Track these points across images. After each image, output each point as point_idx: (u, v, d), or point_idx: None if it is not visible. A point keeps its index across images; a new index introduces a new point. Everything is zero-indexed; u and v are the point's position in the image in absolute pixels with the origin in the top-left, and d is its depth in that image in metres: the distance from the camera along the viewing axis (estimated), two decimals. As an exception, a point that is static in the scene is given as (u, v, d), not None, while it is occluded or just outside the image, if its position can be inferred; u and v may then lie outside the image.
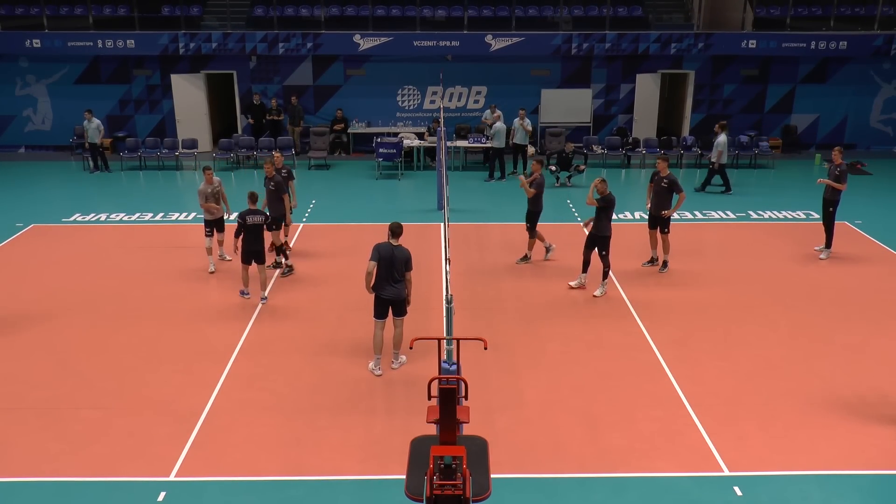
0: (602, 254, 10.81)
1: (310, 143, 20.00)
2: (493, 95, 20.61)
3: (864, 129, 21.49)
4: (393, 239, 8.42)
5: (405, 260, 8.40)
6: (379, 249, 8.40)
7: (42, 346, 9.30)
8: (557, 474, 6.80)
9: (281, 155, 12.46)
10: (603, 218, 10.68)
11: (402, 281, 8.48)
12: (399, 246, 8.40)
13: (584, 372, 8.65)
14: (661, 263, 11.93)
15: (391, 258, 8.36)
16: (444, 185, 9.44)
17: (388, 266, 8.40)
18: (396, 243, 8.40)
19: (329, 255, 12.43)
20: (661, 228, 11.81)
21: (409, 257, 8.43)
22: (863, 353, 9.07)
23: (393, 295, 8.51)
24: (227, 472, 6.83)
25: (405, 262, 8.41)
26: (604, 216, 10.68)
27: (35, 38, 19.61)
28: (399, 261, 8.37)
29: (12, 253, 12.73)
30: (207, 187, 11.57)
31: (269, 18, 20.46)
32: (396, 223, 8.53)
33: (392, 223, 8.52)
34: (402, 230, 8.50)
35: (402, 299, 8.59)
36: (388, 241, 8.42)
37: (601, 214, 10.68)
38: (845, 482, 6.68)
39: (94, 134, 18.44)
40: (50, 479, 6.72)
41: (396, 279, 8.44)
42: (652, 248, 12.13)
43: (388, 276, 8.44)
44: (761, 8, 21.10)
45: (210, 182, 11.56)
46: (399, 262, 8.37)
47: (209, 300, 10.69)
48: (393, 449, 7.05)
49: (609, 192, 10.72)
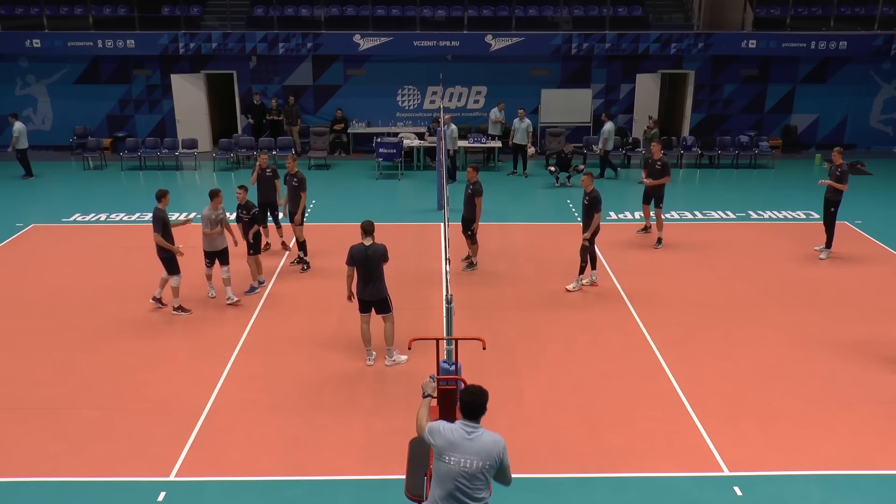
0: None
1: (310, 143, 20.00)
2: (493, 95, 20.60)
3: (864, 129, 21.50)
4: (365, 238, 8.41)
5: (379, 256, 8.37)
6: (352, 252, 8.39)
7: (42, 346, 9.30)
8: (557, 474, 6.80)
9: (267, 155, 12.70)
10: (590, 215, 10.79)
11: (381, 280, 8.43)
12: (372, 244, 8.39)
13: (584, 372, 8.65)
14: (655, 240, 13.04)
15: (364, 259, 8.36)
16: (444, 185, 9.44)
17: (363, 267, 8.40)
18: (369, 242, 8.39)
19: (329, 255, 12.42)
20: (656, 203, 13.01)
21: (383, 252, 8.39)
22: (863, 353, 9.07)
23: (371, 295, 8.52)
24: (227, 472, 6.83)
25: (380, 258, 8.38)
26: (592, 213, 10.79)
27: (35, 38, 19.61)
28: (373, 259, 8.36)
29: (12, 253, 12.73)
30: (212, 213, 10.20)
31: (269, 18, 20.46)
32: (368, 221, 8.52)
33: (364, 221, 8.51)
34: (374, 227, 8.51)
35: (382, 298, 8.56)
36: (361, 242, 8.40)
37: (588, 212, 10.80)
38: (845, 482, 6.68)
39: (23, 140, 17.66)
40: (50, 479, 6.72)
41: (374, 278, 8.43)
42: (645, 218, 13.62)
43: (365, 277, 8.44)
44: (761, 8, 21.10)
45: (216, 209, 10.21)
46: (373, 261, 8.36)
47: (209, 300, 10.69)
48: (393, 449, 7.04)
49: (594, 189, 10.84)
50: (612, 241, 13.20)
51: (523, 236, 13.50)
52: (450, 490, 4.69)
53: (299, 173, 11.68)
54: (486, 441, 4.71)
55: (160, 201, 9.94)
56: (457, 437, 4.71)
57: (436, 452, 4.77)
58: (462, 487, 4.67)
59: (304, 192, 11.71)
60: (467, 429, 4.73)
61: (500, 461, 4.72)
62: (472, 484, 4.68)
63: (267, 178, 12.47)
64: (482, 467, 4.67)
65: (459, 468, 4.67)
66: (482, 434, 4.73)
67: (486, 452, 4.68)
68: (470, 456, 4.67)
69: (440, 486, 4.73)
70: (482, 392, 4.80)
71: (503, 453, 4.73)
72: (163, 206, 9.93)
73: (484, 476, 4.70)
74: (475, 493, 4.70)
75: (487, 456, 4.68)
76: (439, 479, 4.74)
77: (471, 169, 11.57)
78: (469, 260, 11.99)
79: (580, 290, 11.04)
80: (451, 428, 4.77)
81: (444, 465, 4.70)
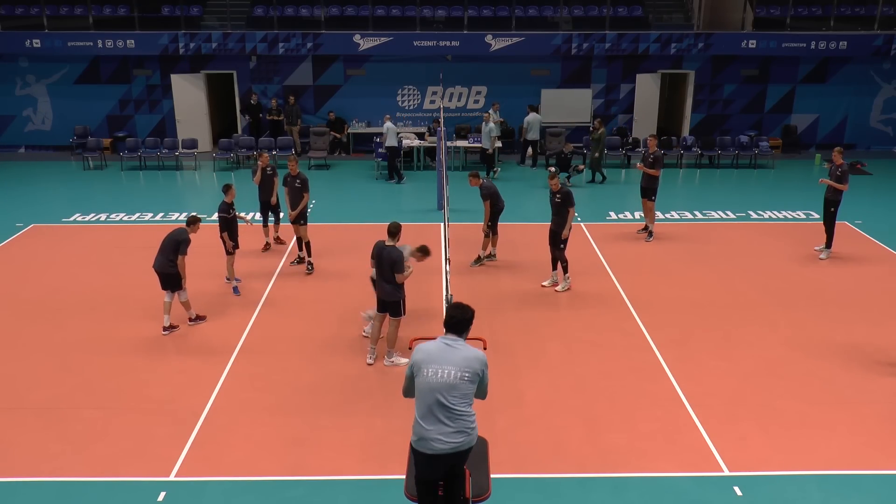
0: (559, 248, 10.92)
1: (309, 142, 20.00)
2: (493, 95, 20.62)
3: (864, 129, 21.51)
4: (389, 239, 8.43)
5: (391, 262, 8.30)
6: (374, 246, 8.50)
7: (42, 346, 9.30)
8: (557, 474, 6.80)
9: (267, 154, 12.79)
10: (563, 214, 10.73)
11: (392, 282, 8.41)
12: (392, 246, 8.37)
13: (584, 372, 8.65)
14: (647, 232, 13.35)
15: (379, 257, 8.39)
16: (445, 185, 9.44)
17: (378, 264, 8.44)
18: (390, 243, 8.40)
19: (329, 255, 12.42)
20: (649, 196, 13.25)
21: (395, 259, 8.28)
22: (863, 353, 9.07)
23: (382, 294, 8.53)
24: (227, 472, 6.83)
25: (391, 265, 8.30)
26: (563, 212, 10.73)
27: (35, 38, 19.61)
28: (385, 261, 8.34)
29: (12, 253, 12.73)
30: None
31: (269, 18, 20.47)
32: (394, 223, 8.52)
33: (390, 223, 8.53)
34: (399, 229, 8.49)
35: (394, 301, 8.51)
36: (385, 240, 8.46)
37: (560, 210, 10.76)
38: (845, 482, 6.68)
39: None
40: (50, 479, 6.72)
41: (386, 279, 8.43)
42: (645, 216, 13.64)
43: (379, 275, 8.49)
44: (761, 8, 21.11)
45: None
46: (385, 263, 8.34)
47: (209, 300, 10.69)
48: (393, 449, 7.04)
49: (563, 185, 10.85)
50: (613, 240, 13.20)
51: (523, 236, 13.50)
52: (429, 404, 4.75)
53: (301, 174, 11.67)
54: (466, 352, 4.82)
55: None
56: (437, 348, 4.82)
57: (416, 369, 4.83)
58: (441, 400, 4.72)
59: (307, 193, 11.71)
60: (448, 341, 4.84)
61: (479, 374, 4.78)
62: (450, 395, 4.72)
63: (268, 176, 12.53)
64: (460, 377, 4.73)
65: (437, 379, 4.74)
66: (463, 347, 4.83)
67: (464, 361, 4.78)
68: (448, 365, 4.76)
69: (421, 402, 4.81)
70: (468, 308, 4.90)
71: (484, 368, 4.81)
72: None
73: (463, 387, 4.73)
74: (455, 406, 4.73)
75: (466, 365, 4.77)
76: (420, 395, 4.80)
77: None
78: (487, 254, 12.15)
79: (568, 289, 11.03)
80: (432, 343, 4.87)
81: (424, 379, 4.78)
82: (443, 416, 4.74)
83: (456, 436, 4.79)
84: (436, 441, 4.79)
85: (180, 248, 9.30)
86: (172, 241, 9.32)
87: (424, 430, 4.82)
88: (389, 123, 17.51)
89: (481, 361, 4.82)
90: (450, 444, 4.79)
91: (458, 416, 4.76)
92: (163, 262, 9.36)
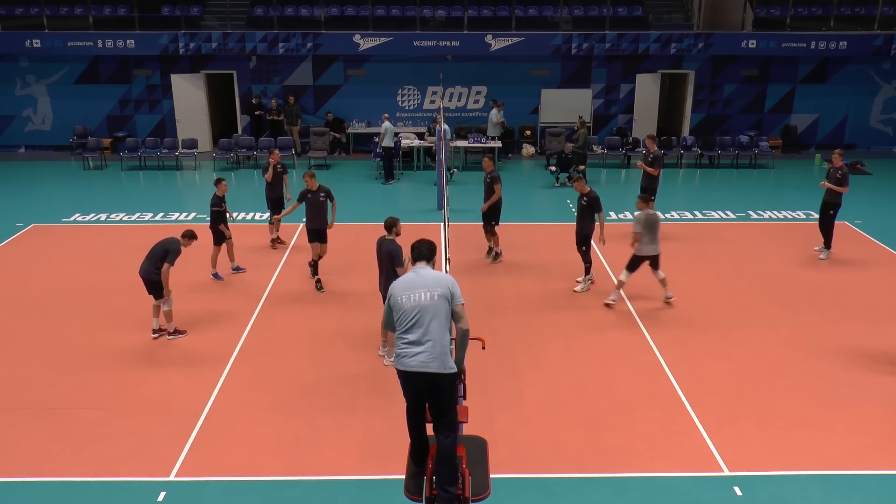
0: (583, 250, 10.99)
1: (309, 142, 20.00)
2: (493, 95, 20.59)
3: (864, 129, 21.50)
4: (387, 233, 8.53)
5: (389, 254, 8.37)
6: (376, 242, 8.62)
7: (42, 346, 9.29)
8: (557, 474, 6.80)
9: (278, 152, 12.93)
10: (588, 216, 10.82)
11: (393, 276, 8.32)
12: (391, 240, 8.44)
13: (584, 372, 8.65)
14: None
15: (378, 251, 8.47)
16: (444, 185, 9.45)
17: (378, 259, 8.52)
18: (389, 237, 8.46)
19: (328, 255, 12.40)
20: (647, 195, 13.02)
21: (392, 252, 8.35)
22: (863, 353, 9.07)
23: (384, 290, 8.55)
24: (227, 472, 6.83)
25: (390, 258, 8.37)
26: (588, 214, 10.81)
27: (35, 38, 19.61)
28: (384, 254, 8.41)
29: (12, 253, 12.73)
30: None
31: (269, 18, 20.46)
32: (390, 217, 8.64)
33: (387, 218, 8.65)
34: (394, 223, 8.57)
35: None
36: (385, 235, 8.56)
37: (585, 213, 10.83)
38: (845, 482, 6.68)
39: None
40: (50, 479, 6.72)
41: (385, 273, 8.46)
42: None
43: (380, 269, 8.56)
44: (761, 8, 21.11)
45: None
46: (384, 256, 8.41)
47: (209, 300, 10.69)
48: (393, 449, 7.04)
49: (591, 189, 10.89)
50: (612, 240, 13.18)
51: (523, 236, 13.50)
52: (408, 326, 5.21)
53: (323, 186, 11.07)
54: (435, 274, 5.41)
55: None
56: (408, 278, 5.39)
57: (394, 301, 5.31)
58: (419, 320, 5.19)
59: (335, 202, 11.26)
60: (417, 269, 5.46)
61: (451, 290, 5.29)
62: (426, 314, 5.19)
63: (278, 174, 12.66)
64: (432, 295, 5.23)
65: (412, 302, 5.23)
66: (431, 271, 5.45)
67: (435, 281, 5.31)
68: (421, 288, 5.26)
69: (399, 326, 5.27)
70: (428, 240, 5.63)
71: (454, 285, 5.35)
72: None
73: (438, 305, 5.21)
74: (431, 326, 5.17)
75: (438, 283, 5.29)
76: (399, 320, 5.27)
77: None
78: (493, 252, 12.22)
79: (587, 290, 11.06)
80: (404, 276, 5.50)
81: (400, 305, 5.26)
82: (420, 335, 5.15)
83: (433, 356, 5.14)
84: (413, 358, 5.15)
85: (168, 258, 9.08)
86: (162, 250, 9.14)
87: (403, 349, 5.21)
88: (387, 123, 17.51)
89: (450, 280, 5.36)
90: (428, 363, 5.14)
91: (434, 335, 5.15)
92: (148, 268, 9.16)
